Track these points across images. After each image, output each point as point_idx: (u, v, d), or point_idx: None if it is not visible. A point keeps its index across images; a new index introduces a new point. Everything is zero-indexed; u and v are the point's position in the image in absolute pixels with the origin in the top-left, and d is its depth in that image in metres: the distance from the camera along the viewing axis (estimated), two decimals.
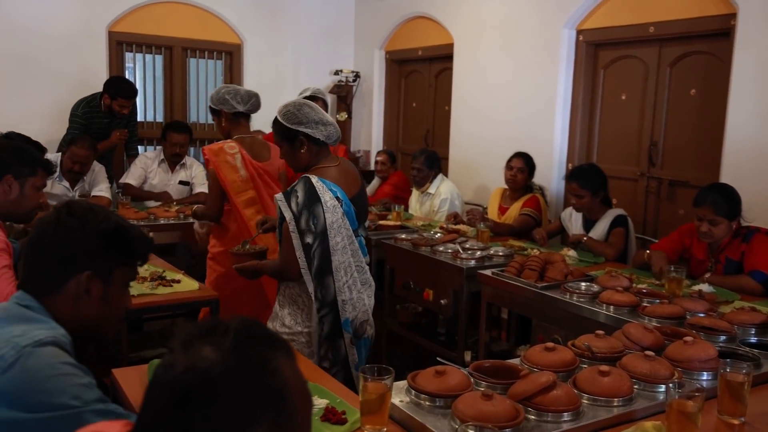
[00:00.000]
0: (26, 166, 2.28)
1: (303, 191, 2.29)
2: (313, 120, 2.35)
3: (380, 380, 1.49)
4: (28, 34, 4.91)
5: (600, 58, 4.34)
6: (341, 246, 2.32)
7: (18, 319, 1.30)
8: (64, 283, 1.34)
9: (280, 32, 5.96)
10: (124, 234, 1.39)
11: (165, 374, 0.82)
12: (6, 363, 1.18)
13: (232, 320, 0.85)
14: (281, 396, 0.83)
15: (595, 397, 1.59)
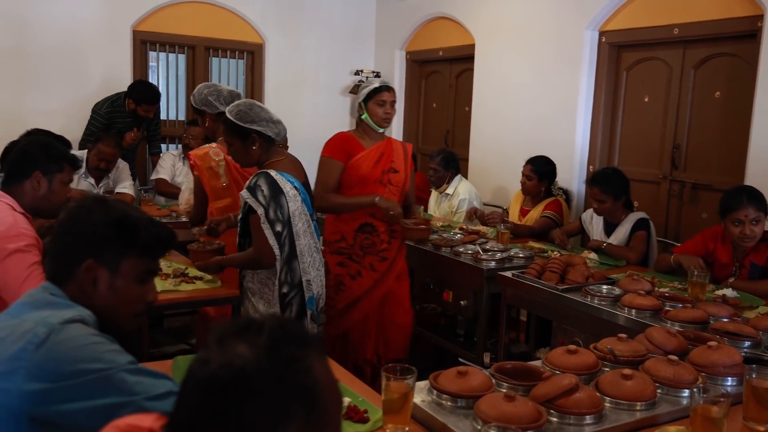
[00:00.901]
0: (54, 162, 2.31)
1: (266, 185, 2.50)
2: (264, 119, 2.56)
3: (403, 380, 1.50)
4: (55, 33, 4.98)
5: (623, 59, 4.31)
6: (303, 230, 2.58)
7: (45, 304, 1.33)
8: (73, 272, 1.37)
9: (301, 32, 5.99)
10: (130, 223, 1.37)
11: (200, 370, 0.83)
12: (39, 339, 1.22)
13: (267, 318, 0.87)
14: (313, 394, 0.84)
15: (618, 400, 1.59)
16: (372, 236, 3.14)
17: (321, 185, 3.09)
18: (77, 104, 5.06)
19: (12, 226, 2.13)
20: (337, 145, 3.14)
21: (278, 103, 5.90)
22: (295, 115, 5.89)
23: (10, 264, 2.08)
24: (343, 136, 3.18)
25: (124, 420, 1.02)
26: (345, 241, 3.15)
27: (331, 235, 3.21)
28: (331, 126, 6.23)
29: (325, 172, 3.11)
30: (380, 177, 3.13)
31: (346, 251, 3.15)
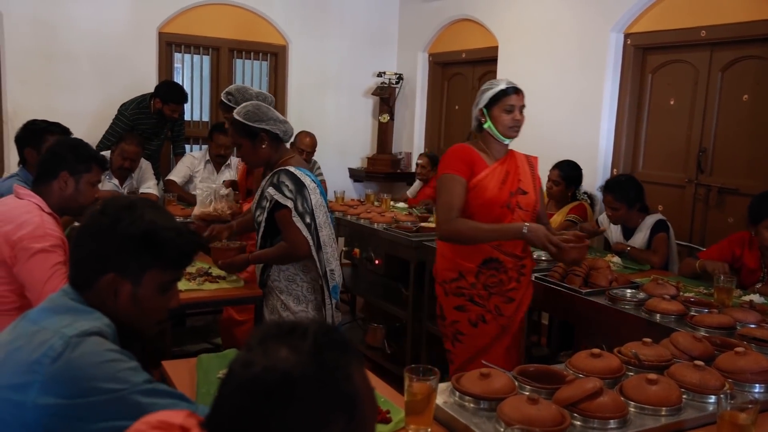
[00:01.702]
0: (82, 163, 2.33)
1: (289, 180, 2.58)
2: (271, 118, 2.63)
3: (426, 381, 1.50)
4: (83, 35, 5.06)
5: (648, 62, 4.27)
6: (324, 222, 2.66)
7: (64, 309, 1.32)
8: (94, 282, 1.34)
9: (324, 34, 6.02)
10: (156, 237, 1.33)
11: (243, 372, 0.84)
12: (55, 353, 1.21)
13: (310, 323, 0.87)
14: (354, 402, 0.84)
15: (643, 405, 1.57)
16: (499, 273, 2.58)
17: (445, 207, 2.53)
18: (104, 105, 5.13)
19: (39, 226, 2.16)
20: (459, 158, 2.57)
21: (301, 104, 5.95)
22: (318, 116, 5.93)
23: (34, 263, 2.12)
24: (464, 148, 2.62)
25: (155, 416, 1.03)
26: (464, 279, 2.60)
27: (445, 272, 2.66)
28: (354, 128, 6.31)
29: (447, 191, 2.54)
30: (507, 200, 2.57)
31: (467, 292, 2.60)
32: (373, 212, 4.24)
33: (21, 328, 1.30)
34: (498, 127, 2.58)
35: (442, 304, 2.68)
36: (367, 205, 4.66)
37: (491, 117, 2.58)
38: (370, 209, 4.38)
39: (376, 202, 4.86)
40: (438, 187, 2.60)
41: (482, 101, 2.60)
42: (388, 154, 6.17)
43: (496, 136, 2.60)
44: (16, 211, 2.20)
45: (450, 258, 2.63)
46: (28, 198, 2.26)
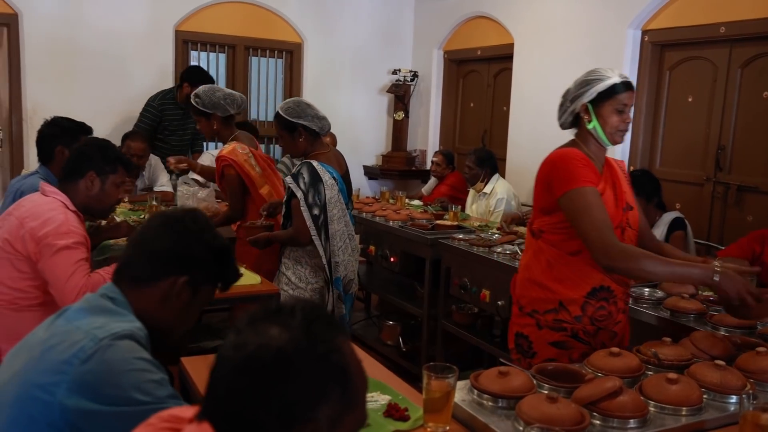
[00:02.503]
0: (108, 164, 2.36)
1: (308, 173, 2.82)
2: (309, 114, 2.87)
3: (444, 379, 1.50)
4: (100, 33, 5.10)
5: (666, 59, 4.23)
6: (337, 217, 2.87)
7: (99, 310, 1.34)
8: (160, 279, 1.39)
9: (340, 31, 6.03)
10: (228, 257, 1.46)
11: (236, 353, 0.86)
12: (85, 354, 1.23)
13: (296, 302, 0.90)
14: (346, 373, 0.87)
15: (663, 405, 1.56)
16: (609, 304, 2.11)
17: (598, 231, 1.95)
18: (122, 102, 5.18)
19: (63, 223, 2.19)
20: (585, 166, 2.06)
21: (316, 101, 5.83)
22: (332, 114, 5.85)
23: (58, 260, 2.15)
24: (580, 154, 2.09)
25: (167, 411, 1.04)
26: (566, 311, 2.09)
27: (538, 301, 2.14)
28: (369, 125, 6.31)
29: (593, 206, 1.98)
30: (621, 219, 2.11)
31: (569, 326, 2.10)
32: (388, 210, 4.24)
33: (56, 327, 1.32)
34: (605, 129, 2.09)
35: (530, 336, 2.17)
36: (382, 203, 4.66)
37: (598, 115, 2.09)
38: (385, 207, 4.38)
39: (391, 199, 4.86)
40: (574, 206, 2.01)
41: (588, 94, 2.08)
42: (402, 151, 6.17)
43: (600, 139, 2.11)
44: (41, 208, 2.23)
45: (546, 285, 2.12)
46: (54, 195, 2.29)
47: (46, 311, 2.15)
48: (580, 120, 2.15)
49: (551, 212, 2.12)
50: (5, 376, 1.30)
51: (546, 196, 2.13)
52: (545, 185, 2.12)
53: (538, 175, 2.17)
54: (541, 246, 2.15)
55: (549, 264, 2.11)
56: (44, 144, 3.05)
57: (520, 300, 2.22)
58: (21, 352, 1.33)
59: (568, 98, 2.16)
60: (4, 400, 1.25)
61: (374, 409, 1.60)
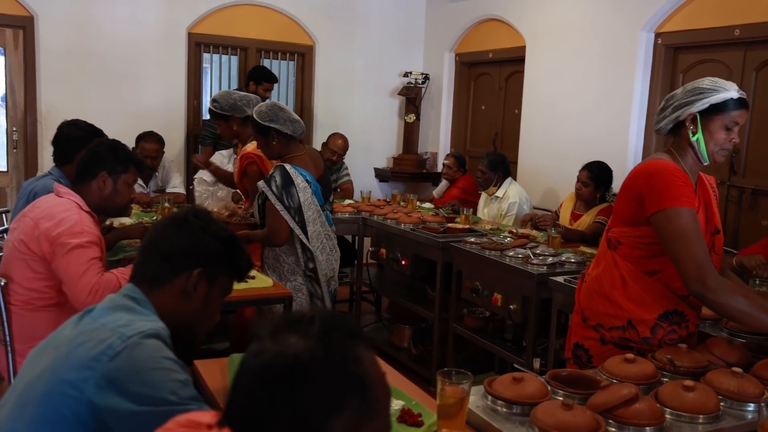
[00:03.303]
0: (120, 163, 2.40)
1: (280, 176, 2.90)
2: (282, 118, 2.94)
3: (458, 384, 1.49)
4: (114, 35, 5.14)
5: (680, 61, 4.21)
6: (312, 219, 2.97)
7: (123, 308, 1.37)
8: (177, 275, 1.43)
9: (351, 34, 6.03)
10: (237, 245, 1.50)
11: (254, 360, 0.87)
12: (113, 351, 1.25)
13: (317, 311, 0.90)
14: (365, 384, 0.87)
15: (679, 412, 1.55)
16: (680, 329, 2.01)
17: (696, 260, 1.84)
18: (135, 104, 5.21)
19: (76, 223, 2.23)
20: (686, 184, 1.91)
21: (328, 104, 5.97)
22: (344, 116, 5.95)
23: (71, 258, 2.18)
24: (679, 170, 1.94)
25: (185, 416, 1.05)
26: (635, 330, 1.99)
27: (606, 317, 2.03)
28: (380, 127, 6.31)
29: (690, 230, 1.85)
30: (708, 243, 1.96)
31: (636, 346, 1.99)
32: (399, 212, 4.24)
33: (83, 325, 1.34)
34: (709, 145, 1.95)
35: (591, 349, 2.09)
36: (393, 206, 4.66)
37: (705, 129, 1.94)
38: (396, 209, 4.37)
39: (402, 202, 4.85)
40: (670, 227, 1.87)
41: (698, 104, 1.93)
42: (413, 154, 6.17)
43: (700, 154, 1.97)
44: (55, 208, 2.26)
45: (616, 302, 2.02)
46: (68, 196, 2.33)
47: (62, 312, 2.17)
48: (681, 129, 1.99)
49: (635, 225, 1.98)
50: (32, 374, 1.32)
51: (634, 208, 1.98)
52: (635, 197, 1.97)
53: (627, 183, 2.02)
54: (616, 259, 2.03)
55: (622, 280, 2.00)
56: (65, 145, 3.05)
57: (584, 311, 2.11)
58: (46, 350, 1.36)
59: (673, 103, 1.99)
60: (33, 397, 1.28)
61: None
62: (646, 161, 2.03)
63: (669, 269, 1.93)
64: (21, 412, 1.29)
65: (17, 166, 5.11)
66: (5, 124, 5.07)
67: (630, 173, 2.05)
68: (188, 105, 5.51)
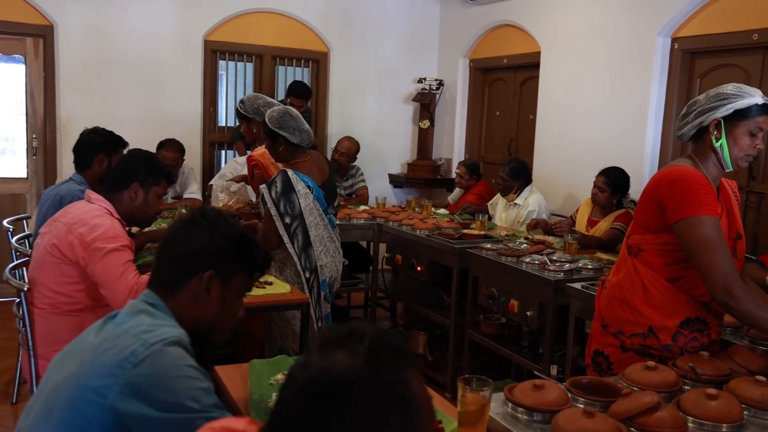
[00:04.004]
0: (152, 176, 2.46)
1: (281, 182, 2.98)
2: (291, 126, 3.03)
3: (479, 391, 1.49)
4: (132, 43, 5.19)
5: (696, 66, 4.18)
6: (314, 223, 3.03)
7: (144, 313, 1.38)
8: (189, 280, 1.42)
9: (365, 40, 6.05)
10: (248, 242, 1.47)
11: (301, 374, 0.86)
12: (137, 359, 1.26)
13: (368, 328, 0.89)
14: (410, 406, 0.85)
15: (702, 421, 1.53)
16: (702, 336, 1.99)
17: (720, 268, 1.83)
18: (152, 111, 5.26)
19: (110, 228, 2.29)
20: (709, 192, 1.90)
21: (342, 109, 5.99)
22: (358, 122, 5.97)
23: (108, 261, 2.23)
24: (703, 178, 1.92)
25: (219, 422, 1.05)
26: (656, 338, 1.98)
27: (627, 324, 2.03)
28: (394, 134, 6.32)
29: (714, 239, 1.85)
30: (730, 249, 1.94)
31: (656, 353, 1.98)
32: (414, 219, 4.24)
33: (106, 332, 1.36)
34: (732, 151, 1.94)
35: (611, 357, 2.07)
36: (408, 212, 4.67)
37: (729, 134, 1.93)
38: (411, 215, 4.38)
39: (417, 208, 4.86)
40: (694, 236, 1.86)
41: (723, 110, 1.91)
42: (428, 160, 6.17)
43: (724, 160, 1.96)
44: (88, 214, 2.32)
45: (637, 308, 2.00)
46: (99, 203, 2.38)
47: (86, 317, 2.21)
48: (703, 135, 1.97)
49: (657, 232, 1.97)
50: (57, 379, 1.34)
51: (656, 215, 1.96)
52: (657, 204, 1.96)
53: (649, 190, 2.01)
54: (637, 266, 2.02)
55: (643, 287, 1.99)
56: (84, 151, 3.14)
57: (604, 317, 2.10)
58: (71, 355, 1.37)
59: (696, 109, 1.98)
60: (59, 403, 1.29)
61: None
62: (668, 167, 2.02)
63: (691, 276, 1.93)
64: (47, 417, 1.31)
65: (37, 173, 5.17)
66: (25, 131, 5.13)
67: (651, 180, 2.04)
68: (204, 112, 5.55)
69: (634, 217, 2.13)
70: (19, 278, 2.74)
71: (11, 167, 5.35)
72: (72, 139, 3.29)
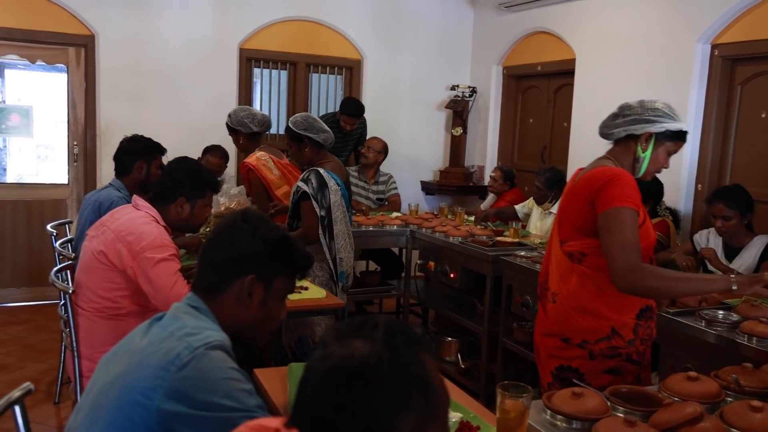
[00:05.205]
0: (197, 189, 2.47)
1: (315, 179, 3.17)
2: (315, 128, 3.26)
3: (519, 398, 1.49)
4: (169, 52, 5.30)
5: (737, 73, 4.11)
6: (339, 219, 3.23)
7: (188, 315, 1.41)
8: (231, 284, 1.44)
9: (399, 48, 6.09)
10: (289, 245, 1.47)
11: (322, 364, 0.89)
12: (181, 362, 1.29)
13: (380, 318, 0.93)
14: (428, 386, 0.89)
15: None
16: (651, 322, 2.15)
17: (627, 248, 1.91)
18: (187, 118, 5.36)
19: (157, 237, 2.31)
20: (635, 189, 2.02)
21: (375, 117, 6.01)
22: (391, 129, 5.99)
23: (159, 271, 2.26)
24: (632, 177, 2.08)
25: (255, 421, 1.08)
26: (619, 336, 2.06)
27: (590, 332, 2.07)
28: (427, 141, 6.33)
29: (628, 228, 1.94)
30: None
31: (624, 351, 2.07)
32: (448, 225, 4.24)
33: (152, 335, 1.38)
34: (651, 165, 2.11)
35: (580, 368, 2.09)
36: (441, 218, 4.66)
37: (654, 148, 2.10)
38: (445, 222, 4.38)
39: (450, 215, 4.85)
40: (612, 222, 1.95)
41: (658, 126, 2.07)
42: (460, 167, 6.16)
43: (639, 169, 2.13)
44: (135, 221, 2.34)
45: (599, 313, 2.05)
46: (146, 210, 2.41)
47: (130, 322, 2.25)
48: (629, 141, 2.12)
49: (595, 235, 2.02)
50: (105, 379, 1.37)
51: (590, 216, 2.03)
52: (589, 202, 2.03)
53: (580, 192, 2.08)
54: (586, 271, 2.06)
55: (599, 289, 2.04)
56: (123, 158, 3.21)
57: (564, 332, 2.11)
58: (117, 357, 1.40)
59: (630, 116, 2.12)
60: (105, 403, 1.32)
61: None
62: (597, 169, 2.08)
63: None
64: (95, 417, 1.34)
65: (77, 179, 5.31)
66: (66, 138, 5.27)
67: (579, 181, 2.11)
68: None
69: (566, 224, 2.14)
70: (62, 281, 2.80)
71: (53, 173, 5.50)
72: (111, 145, 3.38)
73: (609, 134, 2.18)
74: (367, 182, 5.29)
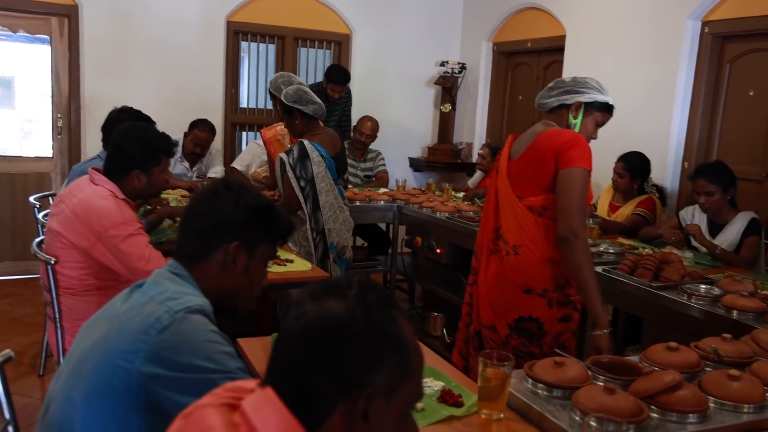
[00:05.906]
0: (151, 159, 2.38)
1: (297, 150, 3.23)
2: (304, 100, 3.27)
3: (500, 366, 1.49)
4: (155, 24, 5.21)
5: (727, 51, 4.10)
6: (325, 190, 3.26)
7: (169, 280, 1.40)
8: (214, 251, 1.43)
9: (388, 23, 6.02)
10: (272, 211, 1.47)
11: (297, 323, 0.90)
12: (161, 325, 1.28)
13: (353, 278, 0.94)
14: (403, 343, 0.91)
15: (723, 401, 1.53)
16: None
17: (582, 209, 2.19)
18: (174, 91, 5.29)
19: (116, 212, 2.26)
20: (591, 154, 2.24)
21: (364, 92, 5.97)
22: (380, 105, 5.95)
23: (127, 248, 2.23)
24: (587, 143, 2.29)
25: (232, 383, 1.08)
26: (570, 285, 2.29)
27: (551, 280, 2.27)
28: (415, 117, 6.30)
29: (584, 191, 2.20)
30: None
31: (573, 299, 2.31)
32: (435, 201, 4.24)
33: (133, 300, 1.38)
34: (581, 131, 2.31)
35: (540, 317, 2.25)
36: (428, 194, 4.66)
37: (584, 116, 2.31)
38: (432, 198, 4.37)
39: (437, 191, 4.85)
40: (573, 181, 2.15)
41: (587, 96, 2.30)
42: (448, 144, 6.14)
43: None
44: (92, 200, 2.28)
45: (556, 260, 2.24)
46: (103, 184, 2.33)
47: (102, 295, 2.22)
48: (562, 110, 2.34)
49: (553, 189, 2.22)
50: (85, 345, 1.37)
51: (553, 170, 2.21)
52: (553, 159, 2.21)
53: (541, 150, 2.25)
54: (548, 224, 2.24)
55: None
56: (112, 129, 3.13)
57: (527, 283, 2.26)
58: (98, 323, 1.40)
59: (563, 88, 2.35)
60: (86, 368, 1.32)
61: (428, 394, 1.61)
62: (553, 130, 2.28)
63: None
64: (76, 382, 1.33)
65: (61, 152, 5.24)
66: (51, 111, 5.19)
67: (538, 140, 2.28)
68: (226, 93, 5.58)
69: (524, 181, 2.29)
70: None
71: (37, 146, 5.43)
72: (96, 118, 3.33)
73: (544, 104, 2.40)
74: (356, 160, 5.27)
